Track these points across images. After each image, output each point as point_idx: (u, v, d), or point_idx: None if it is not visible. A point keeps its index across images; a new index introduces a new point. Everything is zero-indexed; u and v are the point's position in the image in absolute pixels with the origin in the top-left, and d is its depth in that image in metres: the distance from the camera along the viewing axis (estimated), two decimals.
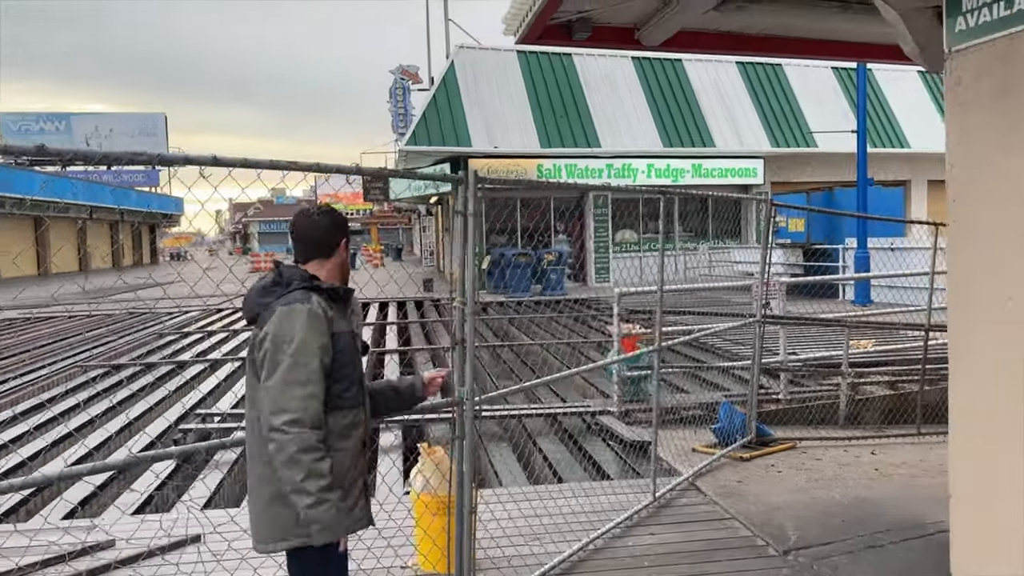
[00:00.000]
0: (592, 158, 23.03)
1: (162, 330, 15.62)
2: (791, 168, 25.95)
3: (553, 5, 4.28)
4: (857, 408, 7.97)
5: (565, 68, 24.13)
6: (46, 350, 13.30)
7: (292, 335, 2.45)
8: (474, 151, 21.67)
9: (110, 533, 4.48)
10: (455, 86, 22.69)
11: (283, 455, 2.39)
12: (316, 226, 2.77)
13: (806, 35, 5.36)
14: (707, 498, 5.36)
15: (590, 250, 24.05)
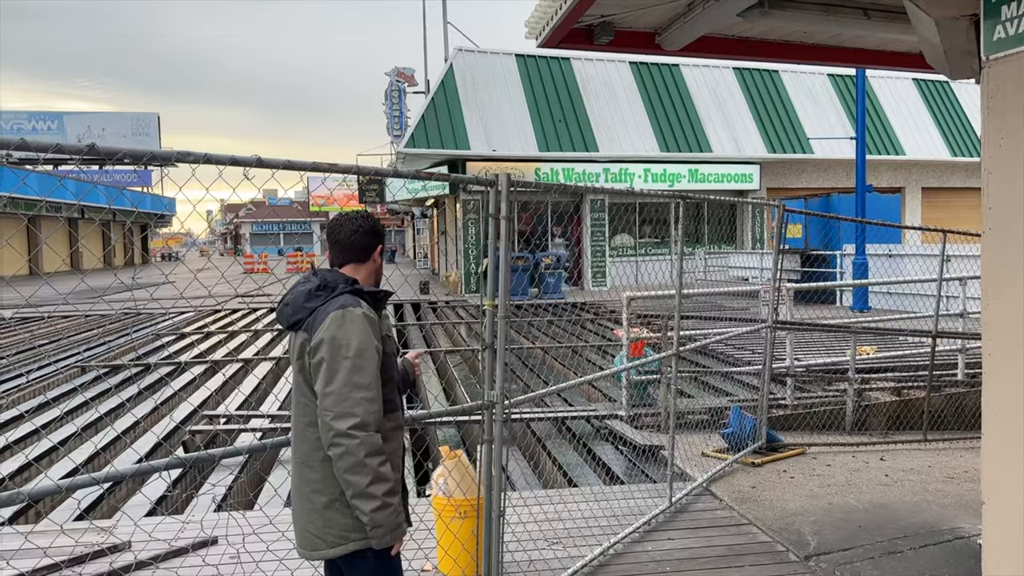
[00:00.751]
0: (589, 162, 23.07)
1: (159, 331, 15.53)
2: (787, 174, 26.09)
3: (580, 10, 4.28)
4: (863, 414, 8.00)
5: (564, 72, 24.18)
6: (43, 350, 13.20)
7: (349, 339, 2.44)
8: (472, 154, 21.67)
9: (124, 536, 4.44)
10: (453, 89, 22.68)
11: (350, 460, 2.37)
12: (355, 231, 2.75)
13: (826, 42, 5.39)
14: (723, 503, 5.35)
15: (587, 254, 24.08)
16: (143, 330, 15.85)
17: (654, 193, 5.27)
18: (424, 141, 21.45)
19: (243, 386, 10.08)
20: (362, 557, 2.53)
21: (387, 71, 35.37)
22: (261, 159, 2.78)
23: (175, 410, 8.68)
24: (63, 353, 12.78)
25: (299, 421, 2.58)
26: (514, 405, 3.63)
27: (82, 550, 3.98)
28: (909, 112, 27.29)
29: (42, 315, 18.46)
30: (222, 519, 4.63)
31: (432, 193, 25.92)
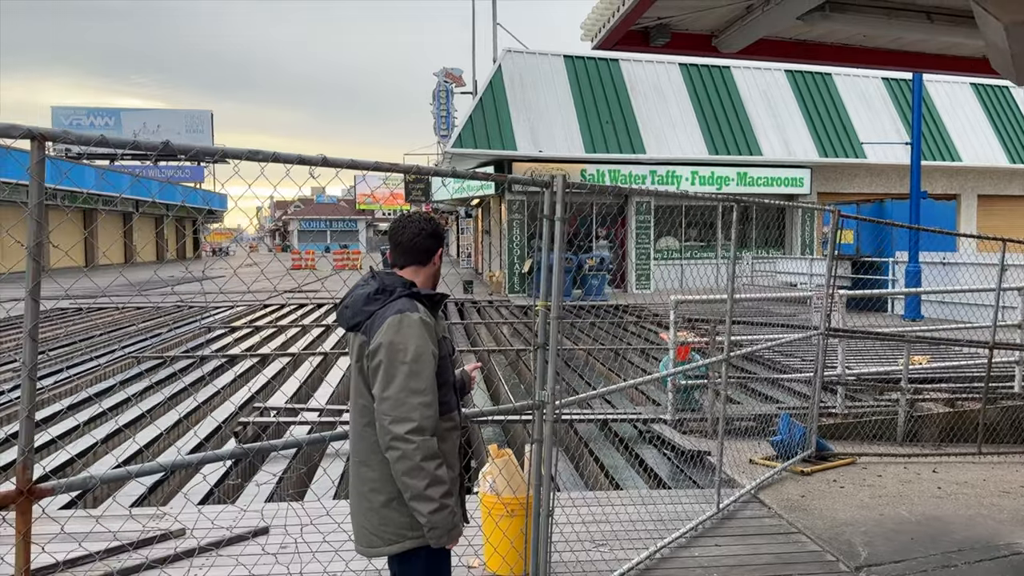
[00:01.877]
0: (636, 164, 22.96)
1: (211, 324, 15.86)
2: (839, 178, 25.63)
3: (637, 12, 4.27)
4: (915, 425, 7.84)
5: (612, 73, 24.09)
6: (98, 341, 13.58)
7: (407, 344, 2.47)
8: (518, 155, 21.71)
9: (179, 521, 4.57)
10: (501, 89, 22.76)
11: (407, 463, 2.42)
12: (417, 233, 2.77)
13: (885, 45, 5.30)
14: (771, 511, 5.30)
15: (631, 256, 23.95)
16: (194, 323, 16.21)
17: (707, 196, 5.24)
18: (471, 141, 21.55)
19: (291, 380, 10.25)
20: (416, 555, 2.58)
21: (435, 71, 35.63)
22: (326, 158, 2.84)
23: (226, 402, 8.87)
24: (117, 344, 13.12)
25: (358, 421, 2.63)
26: (564, 406, 3.65)
27: (143, 535, 4.10)
28: (966, 117, 26.62)
29: (99, 306, 18.99)
30: (280, 508, 4.73)
31: (477, 193, 26.03)
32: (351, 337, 2.69)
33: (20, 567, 2.37)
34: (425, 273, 2.78)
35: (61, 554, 3.40)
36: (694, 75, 24.85)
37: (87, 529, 3.77)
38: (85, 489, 2.53)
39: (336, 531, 3.92)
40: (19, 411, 2.35)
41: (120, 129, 52.81)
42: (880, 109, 26.04)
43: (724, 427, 5.45)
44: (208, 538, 4.00)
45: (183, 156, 2.73)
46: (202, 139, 52.72)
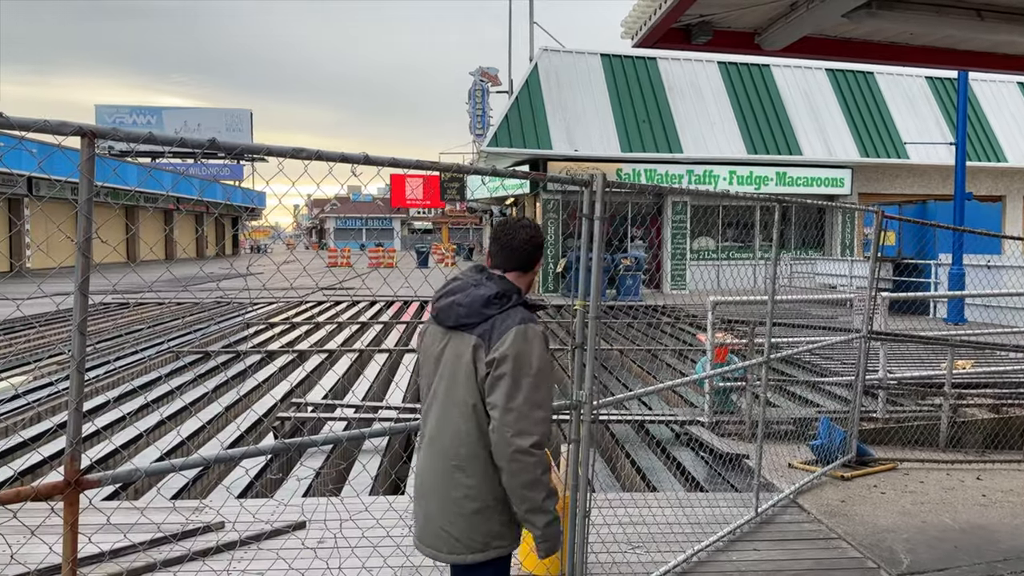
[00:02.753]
0: (673, 163, 22.78)
1: (248, 320, 16.08)
2: (880, 179, 25.18)
3: (680, 9, 4.24)
4: (959, 431, 7.67)
5: (649, 72, 23.93)
6: (139, 335, 13.84)
7: (531, 357, 2.44)
8: (554, 154, 21.68)
9: (221, 514, 4.63)
10: (537, 88, 22.73)
11: (527, 476, 2.40)
12: (529, 239, 2.74)
13: (932, 43, 5.19)
14: (810, 516, 5.22)
15: (666, 256, 23.78)
16: (234, 319, 16.45)
17: (747, 196, 5.17)
18: (507, 140, 21.57)
19: (329, 375, 10.35)
20: (494, 564, 2.57)
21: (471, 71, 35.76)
22: (368, 156, 2.85)
23: (265, 396, 8.98)
24: (157, 339, 13.36)
25: (457, 422, 2.53)
26: (601, 407, 3.62)
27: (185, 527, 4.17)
28: (1012, 117, 25.99)
29: (139, 301, 19.35)
30: (320, 504, 4.77)
31: (512, 192, 26.04)
32: (451, 334, 2.60)
33: (68, 556, 2.42)
34: (527, 280, 2.77)
35: (107, 544, 3.47)
36: (732, 74, 24.59)
37: (132, 520, 3.84)
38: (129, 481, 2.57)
39: (374, 527, 3.94)
40: (67, 403, 2.39)
41: (162, 127, 53.81)
42: (923, 108, 25.54)
43: (763, 430, 5.37)
44: (248, 531, 4.05)
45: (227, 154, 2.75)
46: (241, 137, 53.54)
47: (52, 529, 2.73)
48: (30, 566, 3.22)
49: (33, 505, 4.23)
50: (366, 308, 19.17)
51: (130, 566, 3.53)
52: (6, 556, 3.30)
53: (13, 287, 21.61)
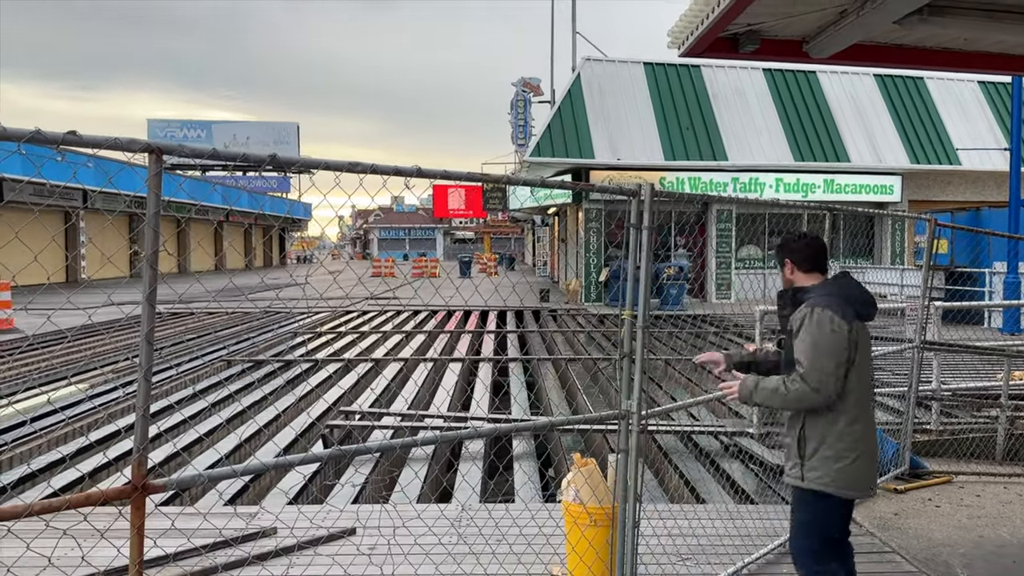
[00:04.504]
0: (717, 171, 22.60)
1: (296, 329, 16.35)
2: (931, 186, 24.64)
3: (728, 19, 4.24)
4: (1016, 443, 7.48)
5: (693, 80, 23.81)
6: (192, 344, 14.16)
7: None
8: (596, 163, 21.67)
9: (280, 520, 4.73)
10: (580, 98, 22.76)
11: None
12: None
13: (986, 48, 5.10)
14: (863, 529, 5.14)
15: (711, 265, 23.57)
16: (283, 328, 16.74)
17: (796, 204, 5.11)
18: (549, 150, 21.62)
19: (378, 382, 10.48)
20: None
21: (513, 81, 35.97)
22: (421, 169, 2.92)
23: (313, 405, 9.13)
24: (210, 348, 13.66)
25: (870, 390, 3.44)
26: (649, 417, 3.63)
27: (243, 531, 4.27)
28: None
29: (191, 311, 19.80)
30: (373, 511, 4.84)
31: (554, 201, 26.07)
32: (858, 326, 3.33)
33: (135, 559, 2.50)
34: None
35: (170, 547, 3.57)
36: (778, 80, 24.34)
37: (194, 525, 3.95)
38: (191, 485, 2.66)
39: (426, 534, 4.00)
40: (136, 409, 2.48)
41: (211, 140, 55.07)
42: (976, 114, 24.95)
43: None
44: (304, 536, 4.13)
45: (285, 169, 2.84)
46: (288, 150, 54.51)
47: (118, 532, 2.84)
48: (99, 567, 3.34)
49: (101, 508, 4.38)
50: (410, 318, 19.34)
51: (192, 569, 3.64)
52: (77, 558, 3.42)
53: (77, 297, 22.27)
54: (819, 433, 3.28)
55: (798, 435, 3.33)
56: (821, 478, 3.26)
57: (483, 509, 4.92)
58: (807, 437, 3.30)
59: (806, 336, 3.23)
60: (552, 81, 33.18)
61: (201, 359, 12.30)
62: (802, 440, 3.32)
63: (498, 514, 4.55)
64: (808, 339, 3.22)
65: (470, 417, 8.27)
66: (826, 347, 3.18)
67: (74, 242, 31.73)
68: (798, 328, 3.29)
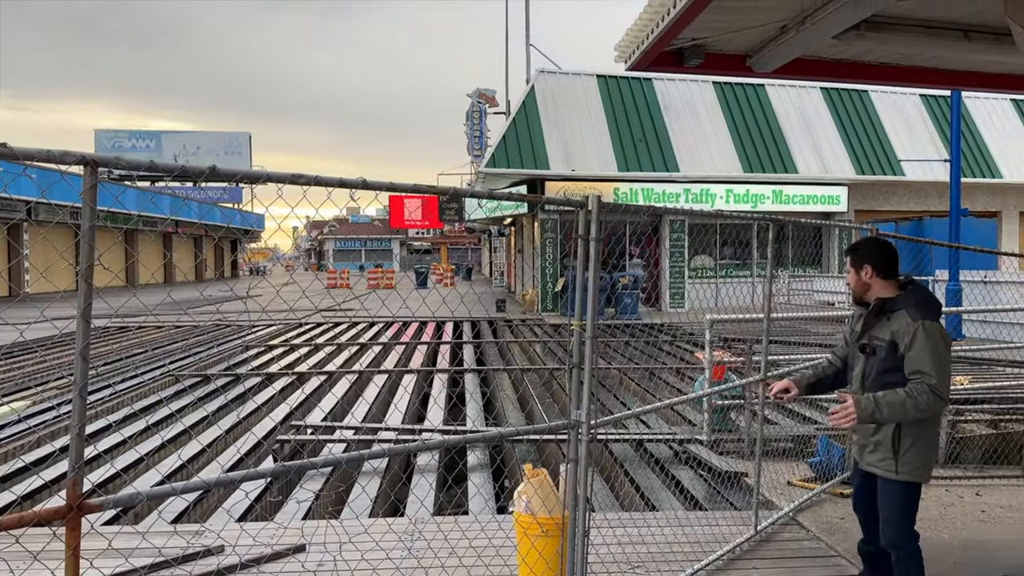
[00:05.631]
0: (670, 182, 22.91)
1: (247, 343, 16.09)
2: (876, 196, 25.31)
3: (671, 34, 4.31)
4: (957, 447, 7.68)
5: (645, 92, 24.12)
6: (138, 359, 13.85)
7: None
8: (551, 174, 21.81)
9: (221, 538, 4.63)
10: (534, 109, 22.91)
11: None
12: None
13: (923, 64, 5.27)
14: (810, 534, 5.23)
15: (665, 275, 23.84)
16: (233, 341, 16.46)
17: (742, 214, 5.21)
18: (504, 161, 21.70)
19: (328, 398, 10.35)
20: None
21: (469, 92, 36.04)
22: (366, 181, 2.90)
23: (265, 419, 8.98)
24: (156, 363, 13.37)
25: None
26: (599, 426, 3.65)
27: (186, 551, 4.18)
28: (1007, 134, 26.17)
29: (138, 324, 19.37)
30: (319, 526, 4.77)
31: (510, 212, 26.15)
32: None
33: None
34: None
35: (108, 569, 3.47)
36: (727, 93, 24.79)
37: (132, 545, 3.85)
38: (131, 505, 2.59)
39: (374, 549, 3.96)
40: (70, 428, 2.41)
41: (161, 150, 54.06)
42: (918, 126, 25.72)
43: (762, 448, 5.39)
44: (249, 554, 4.06)
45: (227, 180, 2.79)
46: (240, 160, 53.75)
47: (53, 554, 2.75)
48: None
49: (35, 530, 4.24)
50: (365, 329, 19.18)
51: None
52: None
53: (13, 311, 21.62)
54: (915, 431, 3.58)
55: (893, 432, 3.58)
56: (915, 470, 3.61)
57: (433, 522, 4.89)
58: (903, 435, 3.58)
59: (926, 348, 3.45)
60: (507, 92, 33.38)
61: (148, 374, 12.03)
62: (897, 437, 3.58)
63: (447, 527, 4.52)
64: (929, 350, 3.44)
65: (424, 429, 8.22)
66: (945, 358, 3.48)
67: (18, 255, 30.83)
68: (911, 341, 3.48)
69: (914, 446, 3.58)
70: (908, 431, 3.57)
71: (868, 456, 3.76)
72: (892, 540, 3.69)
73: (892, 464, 3.61)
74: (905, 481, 3.62)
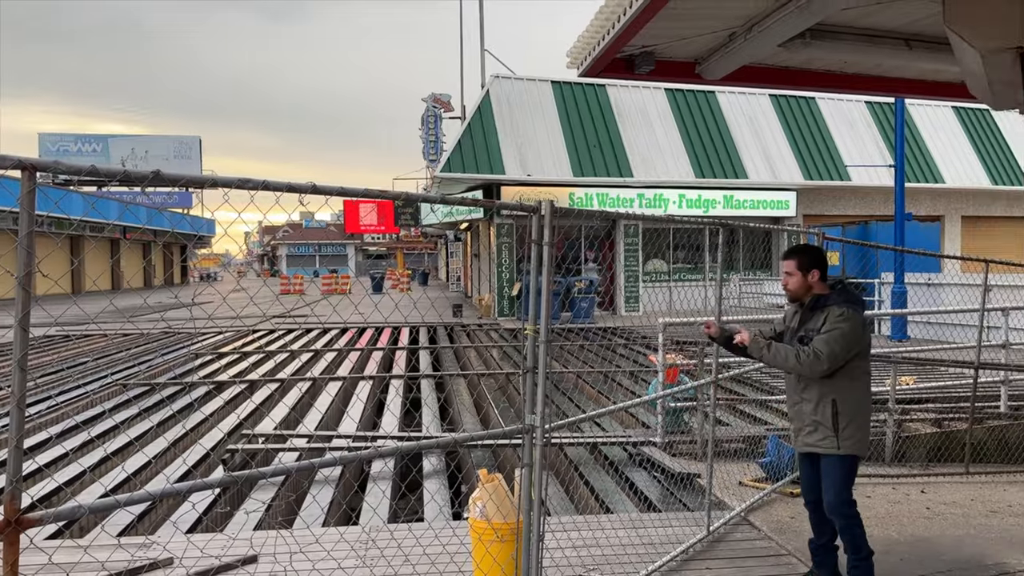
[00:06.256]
0: (624, 188, 23.12)
1: (199, 350, 15.79)
2: (824, 201, 25.88)
3: (622, 41, 4.35)
4: (903, 445, 7.88)
5: (599, 98, 24.32)
6: (85, 368, 13.49)
7: None
8: (507, 179, 21.84)
9: (168, 550, 4.53)
10: (490, 114, 22.93)
11: None
12: None
13: (866, 71, 5.41)
14: (761, 533, 5.31)
15: (620, 279, 24.04)
16: (182, 349, 16.13)
17: (693, 219, 5.28)
18: (460, 166, 21.68)
19: (280, 406, 10.21)
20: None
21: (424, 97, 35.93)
22: (315, 185, 2.87)
23: (216, 427, 8.81)
24: (104, 371, 13.04)
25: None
26: (553, 430, 3.66)
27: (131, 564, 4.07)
28: (949, 140, 26.99)
29: (84, 333, 18.87)
30: (270, 537, 4.69)
31: (466, 217, 26.11)
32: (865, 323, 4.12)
33: None
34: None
35: None
36: (680, 100, 25.12)
37: (75, 559, 3.74)
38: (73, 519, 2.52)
39: (326, 559, 3.90)
40: (8, 440, 2.35)
41: (108, 155, 52.72)
42: (864, 132, 26.38)
43: (713, 449, 5.46)
44: (197, 567, 3.97)
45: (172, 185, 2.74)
46: (191, 165, 52.66)
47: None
48: None
49: None
50: (319, 336, 18.97)
51: None
52: None
53: None
54: (851, 409, 4.02)
55: (832, 411, 4.03)
56: (855, 444, 4.05)
57: (386, 530, 4.85)
58: (840, 412, 4.02)
59: (833, 327, 3.95)
60: (462, 97, 33.33)
61: (93, 384, 11.72)
62: (836, 415, 4.02)
63: (401, 535, 4.49)
64: (832, 330, 3.94)
65: (377, 436, 8.15)
66: (844, 338, 3.93)
67: None
68: (824, 321, 4.00)
69: (852, 423, 4.02)
70: (844, 409, 4.01)
71: (807, 438, 4.18)
72: (836, 508, 4.11)
73: (834, 441, 4.04)
74: (847, 454, 4.04)
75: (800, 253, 4.27)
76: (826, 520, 4.30)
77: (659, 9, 3.89)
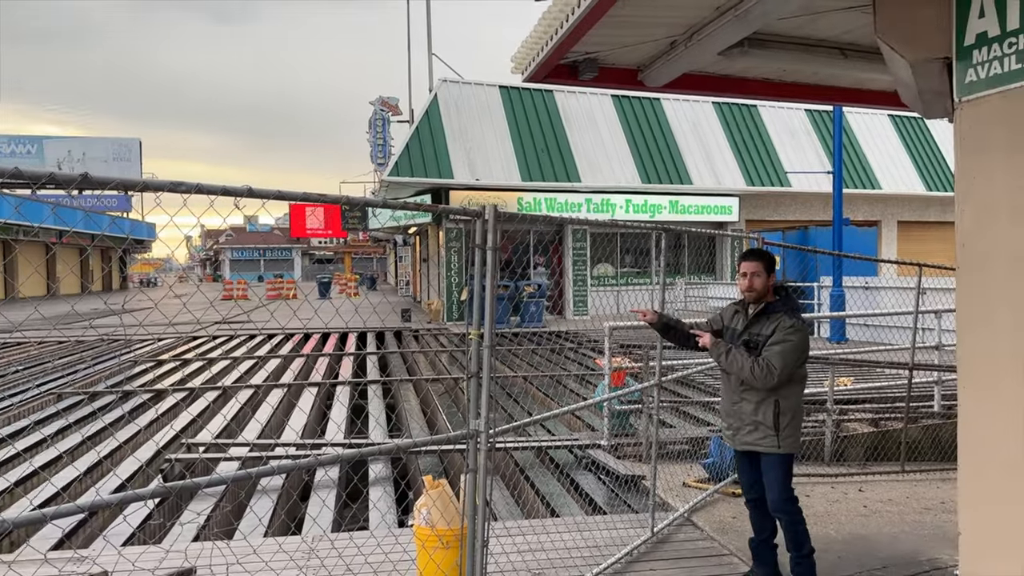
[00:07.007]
0: (572, 192, 23.28)
1: (136, 358, 15.37)
2: (765, 207, 26.43)
3: (565, 47, 4.37)
4: (842, 445, 8.06)
5: (547, 104, 24.45)
6: (16, 377, 13.02)
7: None
8: (455, 183, 21.79)
9: (99, 564, 4.38)
10: (438, 119, 22.86)
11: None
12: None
13: (804, 79, 5.53)
14: (704, 533, 5.37)
15: (568, 283, 24.18)
16: (120, 356, 15.68)
17: (637, 224, 5.34)
18: (408, 170, 21.56)
19: (222, 414, 9.99)
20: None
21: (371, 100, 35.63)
22: (252, 189, 2.81)
23: (154, 438, 8.58)
24: (37, 380, 12.60)
25: None
26: (498, 434, 3.65)
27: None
28: (885, 147, 27.81)
29: (16, 340, 18.21)
30: (205, 548, 4.58)
31: (414, 221, 25.97)
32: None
33: None
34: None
35: None
36: (625, 106, 25.40)
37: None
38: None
39: (264, 570, 3.82)
40: None
41: (42, 157, 51.08)
42: (804, 140, 27.02)
43: (657, 451, 5.51)
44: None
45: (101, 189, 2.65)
46: (130, 167, 51.35)
47: None
48: None
49: None
50: (263, 342, 18.64)
51: None
52: None
53: None
54: (791, 410, 4.18)
55: (774, 412, 4.16)
56: (793, 443, 4.22)
57: (326, 539, 4.77)
58: (782, 412, 4.16)
59: (786, 340, 4.08)
60: (410, 101, 33.13)
61: (28, 393, 11.32)
62: (778, 416, 4.16)
63: (342, 544, 4.42)
64: (786, 343, 4.07)
65: (320, 444, 8.03)
66: (796, 351, 4.09)
67: None
68: (774, 331, 4.13)
69: (791, 423, 4.20)
70: (785, 409, 4.17)
71: (746, 436, 4.29)
72: (779, 505, 4.24)
73: (775, 440, 4.18)
74: (786, 453, 4.21)
75: (764, 255, 4.40)
76: (767, 516, 4.40)
77: (601, 16, 3.91)
